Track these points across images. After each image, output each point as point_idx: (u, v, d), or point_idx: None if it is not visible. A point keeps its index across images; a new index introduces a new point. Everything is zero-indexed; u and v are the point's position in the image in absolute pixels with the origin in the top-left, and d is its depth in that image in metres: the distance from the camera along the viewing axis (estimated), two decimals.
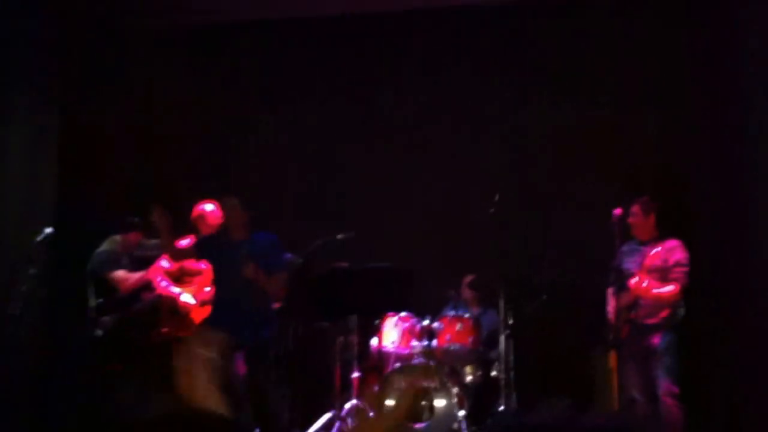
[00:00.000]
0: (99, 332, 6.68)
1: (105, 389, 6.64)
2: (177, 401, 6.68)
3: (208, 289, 6.58)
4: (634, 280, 5.88)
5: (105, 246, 6.85)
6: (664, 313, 6.01)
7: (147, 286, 6.79)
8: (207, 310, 6.48)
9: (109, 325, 6.73)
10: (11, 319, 6.21)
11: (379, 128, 8.03)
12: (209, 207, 6.71)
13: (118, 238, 6.88)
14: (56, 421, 6.92)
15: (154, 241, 6.89)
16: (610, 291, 6.22)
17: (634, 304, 6.01)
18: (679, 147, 7.20)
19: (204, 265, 6.54)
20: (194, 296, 6.64)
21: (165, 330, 6.67)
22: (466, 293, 7.41)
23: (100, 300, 6.74)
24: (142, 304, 6.80)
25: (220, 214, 6.48)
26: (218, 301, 6.06)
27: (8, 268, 6.83)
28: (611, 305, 6.17)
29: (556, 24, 7.61)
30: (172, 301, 6.62)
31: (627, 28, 7.44)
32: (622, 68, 7.44)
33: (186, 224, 6.70)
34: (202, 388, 5.90)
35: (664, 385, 5.92)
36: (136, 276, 6.77)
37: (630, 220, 6.15)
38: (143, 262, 6.96)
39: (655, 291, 5.92)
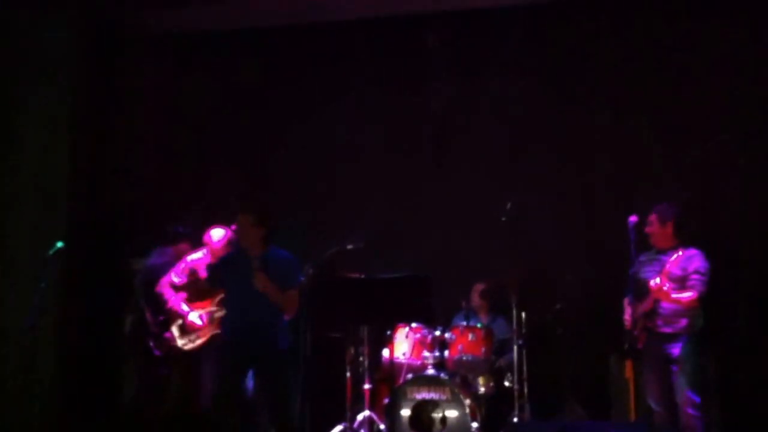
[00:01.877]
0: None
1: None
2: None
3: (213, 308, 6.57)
4: (654, 282, 5.77)
5: (156, 258, 6.74)
6: (683, 322, 5.91)
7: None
8: (216, 327, 6.49)
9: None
10: (26, 331, 6.21)
11: (387, 137, 7.96)
12: (215, 234, 6.69)
13: (169, 250, 6.78)
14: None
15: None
16: (626, 300, 6.13)
17: (652, 312, 5.92)
18: (702, 153, 7.12)
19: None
20: (204, 313, 6.60)
21: (174, 343, 6.66)
22: (477, 302, 7.33)
23: (162, 317, 6.63)
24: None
25: (224, 241, 6.54)
26: (232, 314, 5.97)
27: (22, 280, 6.83)
28: (627, 314, 6.08)
29: (569, 27, 7.54)
30: (182, 318, 6.59)
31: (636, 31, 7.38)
32: (644, 71, 7.35)
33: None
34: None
35: (684, 394, 5.82)
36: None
37: (647, 229, 6.05)
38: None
39: (674, 295, 5.83)
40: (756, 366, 6.49)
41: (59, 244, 6.29)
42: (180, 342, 6.60)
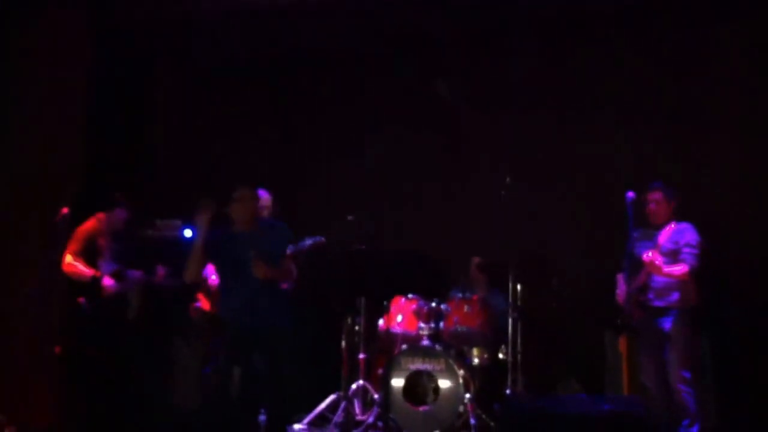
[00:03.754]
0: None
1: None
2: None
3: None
4: (647, 255, 5.78)
5: (91, 223, 6.74)
6: (674, 296, 5.92)
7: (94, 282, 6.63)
8: None
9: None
10: (30, 299, 6.22)
11: (391, 115, 7.95)
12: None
13: (101, 216, 6.78)
14: (78, 399, 6.85)
15: (167, 221, 6.85)
16: (620, 276, 6.13)
17: (644, 286, 5.92)
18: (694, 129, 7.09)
19: None
20: None
21: (201, 305, 6.75)
22: (475, 275, 7.34)
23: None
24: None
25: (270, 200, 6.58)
26: (229, 292, 5.92)
27: (30, 248, 6.83)
28: (621, 290, 6.09)
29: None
30: (205, 281, 6.65)
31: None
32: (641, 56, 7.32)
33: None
34: None
35: (675, 370, 5.84)
36: (81, 269, 6.55)
37: (652, 207, 6.01)
38: (158, 241, 6.91)
39: (666, 269, 5.83)
40: (749, 342, 6.50)
41: (65, 212, 6.28)
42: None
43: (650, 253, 5.76)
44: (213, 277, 6.60)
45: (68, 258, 6.55)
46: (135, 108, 7.90)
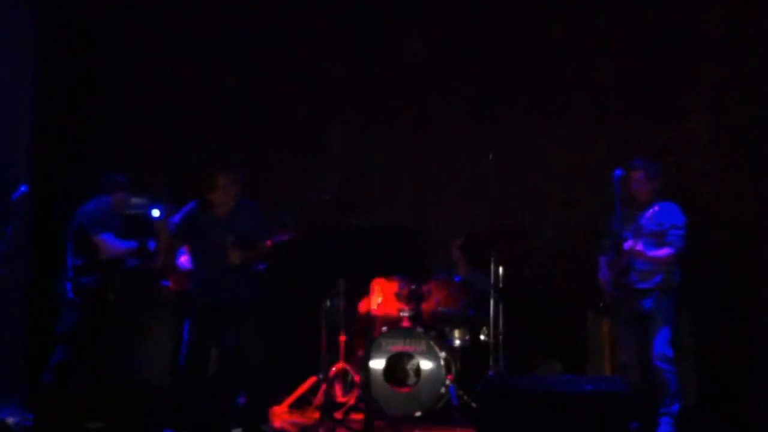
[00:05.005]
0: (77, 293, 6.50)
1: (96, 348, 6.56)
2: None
3: None
4: (628, 243, 5.74)
5: (94, 206, 6.65)
6: (658, 278, 5.89)
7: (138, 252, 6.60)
8: None
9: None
10: None
11: (364, 90, 7.85)
12: None
13: (108, 198, 6.69)
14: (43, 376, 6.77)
15: (140, 200, 6.77)
16: (603, 259, 6.07)
17: (627, 268, 5.88)
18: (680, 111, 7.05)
19: None
20: None
21: (171, 285, 6.69)
22: (456, 255, 7.29)
23: (78, 261, 6.51)
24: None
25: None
26: (201, 271, 5.90)
27: None
28: (603, 273, 6.04)
29: None
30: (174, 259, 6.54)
31: None
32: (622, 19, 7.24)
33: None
34: None
35: (658, 349, 5.81)
36: (123, 246, 6.54)
37: (635, 186, 5.95)
38: (132, 221, 6.83)
39: (650, 253, 5.80)
40: (729, 320, 6.50)
41: (23, 188, 6.19)
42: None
43: (630, 242, 5.72)
44: (182, 258, 6.53)
45: (106, 238, 6.41)
46: (84, 81, 7.67)
